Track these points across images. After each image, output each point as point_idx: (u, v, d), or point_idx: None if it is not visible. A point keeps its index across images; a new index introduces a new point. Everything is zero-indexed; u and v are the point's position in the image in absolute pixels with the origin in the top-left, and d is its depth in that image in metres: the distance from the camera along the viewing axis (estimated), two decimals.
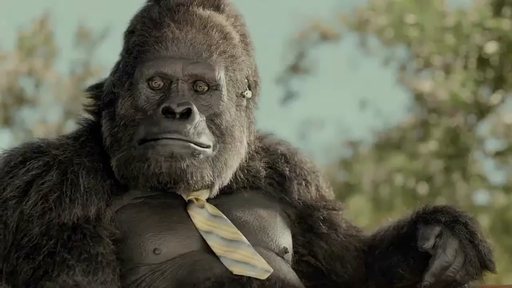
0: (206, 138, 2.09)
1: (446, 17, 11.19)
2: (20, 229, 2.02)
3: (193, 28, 2.13)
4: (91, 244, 2.01)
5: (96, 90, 2.25)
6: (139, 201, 2.13)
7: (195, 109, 2.07)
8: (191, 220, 2.11)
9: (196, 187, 2.09)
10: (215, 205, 2.17)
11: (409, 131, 13.01)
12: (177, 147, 2.04)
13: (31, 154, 2.10)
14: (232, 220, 2.14)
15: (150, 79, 2.11)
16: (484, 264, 2.16)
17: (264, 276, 2.02)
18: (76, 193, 2.05)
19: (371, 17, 12.58)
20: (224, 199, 2.20)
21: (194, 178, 2.07)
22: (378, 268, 2.30)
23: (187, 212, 2.12)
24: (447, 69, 11.37)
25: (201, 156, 2.07)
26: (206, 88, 2.12)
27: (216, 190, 2.15)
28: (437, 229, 2.15)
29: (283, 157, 2.35)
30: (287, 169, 2.33)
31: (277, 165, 2.33)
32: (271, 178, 2.30)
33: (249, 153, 2.27)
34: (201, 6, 2.18)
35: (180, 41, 2.11)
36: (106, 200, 2.09)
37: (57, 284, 1.95)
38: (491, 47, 10.40)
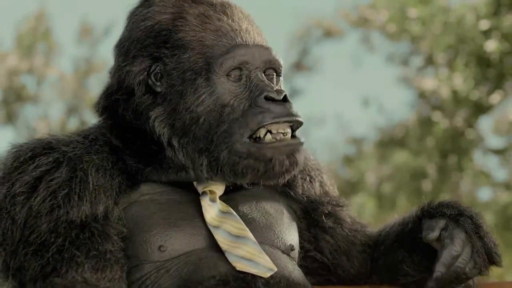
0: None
1: (448, 12, 11.18)
2: (28, 225, 1.99)
3: (241, 19, 2.13)
4: (99, 241, 1.99)
5: (106, 96, 2.20)
6: (146, 198, 2.11)
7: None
8: (198, 217, 2.10)
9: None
10: (224, 201, 2.15)
11: (412, 128, 13.00)
12: (296, 145, 2.06)
13: (40, 150, 2.06)
14: (239, 217, 2.13)
15: (231, 71, 2.08)
16: (490, 257, 2.15)
17: (266, 275, 2.01)
18: (85, 191, 2.03)
19: (372, 15, 12.57)
20: (232, 194, 2.19)
21: (297, 170, 2.10)
22: (382, 263, 2.30)
23: (194, 209, 2.11)
24: (450, 67, 11.36)
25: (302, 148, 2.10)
26: (274, 74, 2.12)
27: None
28: (442, 222, 2.15)
29: None
30: None
31: None
32: None
33: None
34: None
35: (242, 30, 2.10)
36: (115, 198, 2.07)
37: (66, 280, 1.94)
38: (492, 45, 10.38)
